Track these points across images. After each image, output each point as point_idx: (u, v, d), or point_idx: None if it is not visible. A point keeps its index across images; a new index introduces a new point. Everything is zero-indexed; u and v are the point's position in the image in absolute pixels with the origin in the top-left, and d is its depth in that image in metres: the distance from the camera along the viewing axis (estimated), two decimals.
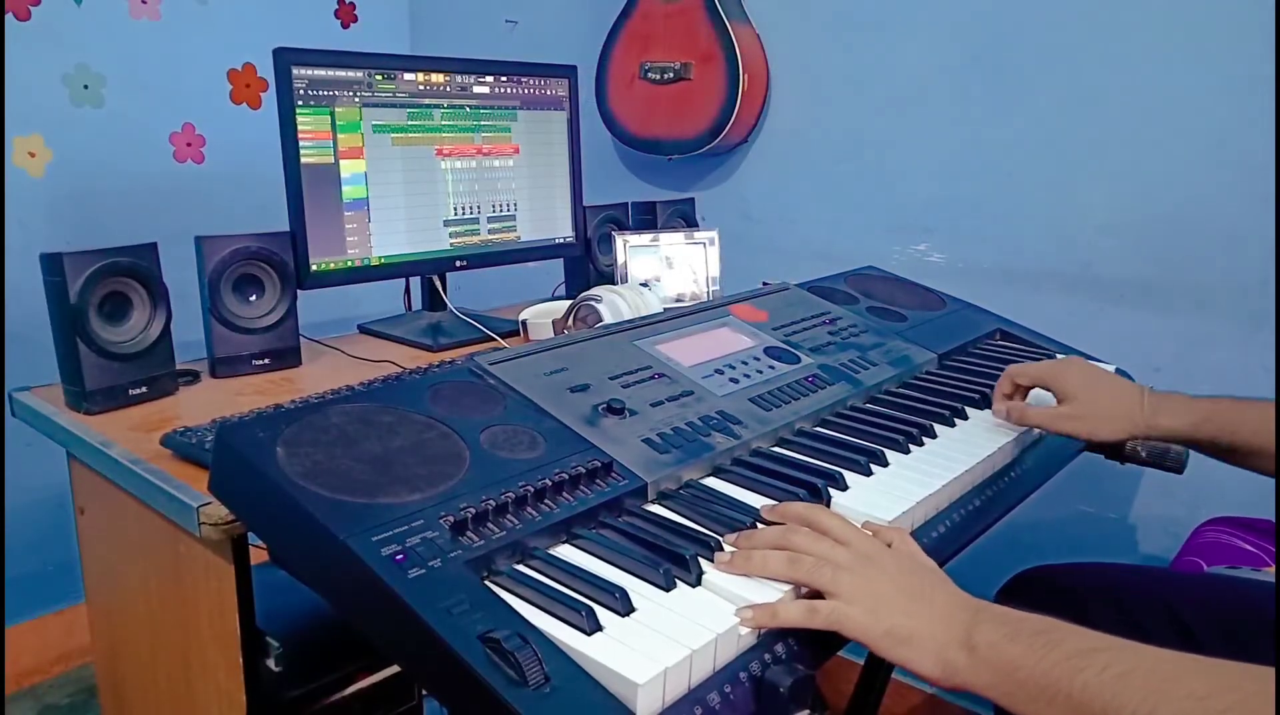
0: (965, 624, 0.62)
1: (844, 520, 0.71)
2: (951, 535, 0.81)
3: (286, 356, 1.25)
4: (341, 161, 1.29)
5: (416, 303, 1.54)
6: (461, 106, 1.43)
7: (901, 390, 1.09)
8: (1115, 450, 1.09)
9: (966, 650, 0.60)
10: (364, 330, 1.47)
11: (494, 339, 1.39)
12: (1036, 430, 1.01)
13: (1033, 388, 1.03)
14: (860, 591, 0.64)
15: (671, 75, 1.78)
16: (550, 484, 0.72)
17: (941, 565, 0.70)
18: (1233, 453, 0.93)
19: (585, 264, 1.62)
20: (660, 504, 0.78)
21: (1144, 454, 1.06)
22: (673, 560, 0.66)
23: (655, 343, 1.02)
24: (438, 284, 1.49)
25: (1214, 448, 0.94)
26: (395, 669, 1.05)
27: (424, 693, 1.09)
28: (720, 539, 0.70)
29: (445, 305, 1.50)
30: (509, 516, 0.68)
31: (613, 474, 0.77)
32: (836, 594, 0.64)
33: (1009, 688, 0.58)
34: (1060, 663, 0.56)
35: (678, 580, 0.65)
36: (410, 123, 1.36)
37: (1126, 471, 1.31)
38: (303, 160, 1.25)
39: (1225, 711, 0.49)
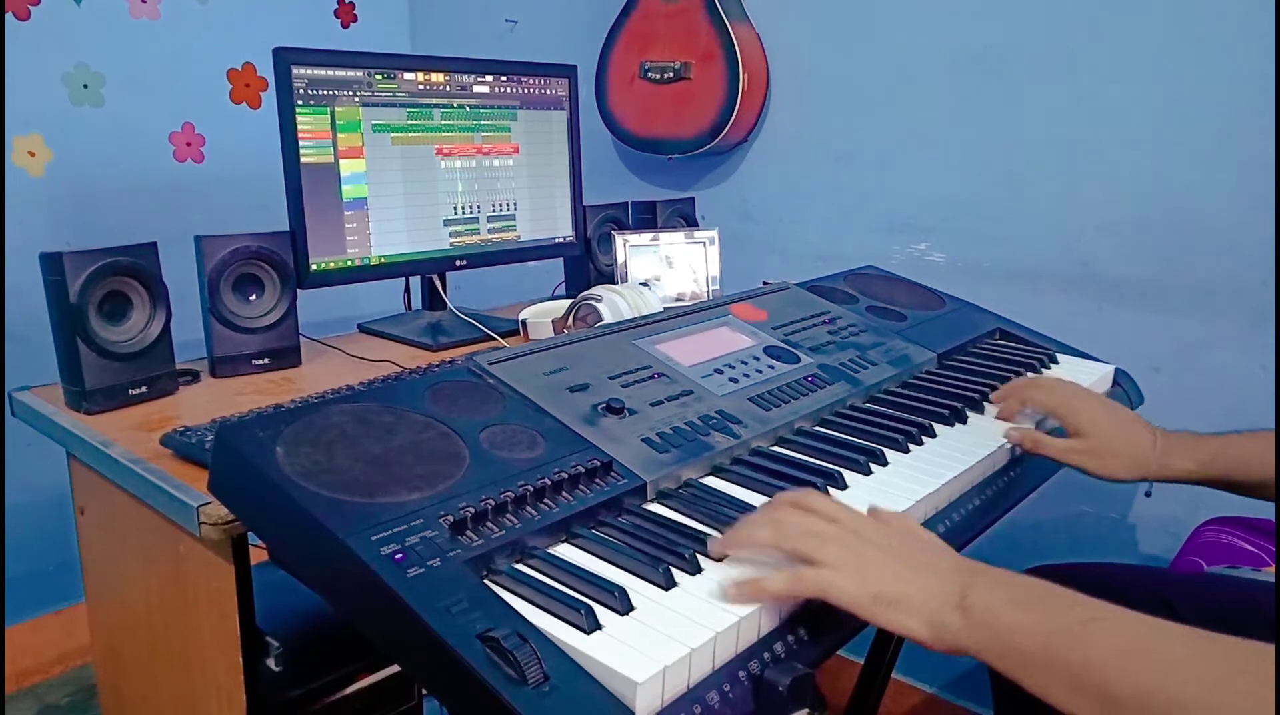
0: (960, 585, 0.61)
1: (833, 500, 0.71)
2: (951, 534, 0.81)
3: (286, 356, 1.25)
4: (341, 161, 1.29)
5: (416, 302, 1.54)
6: (461, 106, 1.43)
7: (901, 389, 1.09)
8: None
9: (961, 611, 0.60)
10: (364, 330, 1.47)
11: (494, 339, 1.39)
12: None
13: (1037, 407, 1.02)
14: (847, 558, 0.64)
15: (671, 75, 1.78)
16: (550, 483, 0.72)
17: None
18: (1243, 487, 0.92)
19: (585, 264, 1.62)
20: (660, 503, 0.78)
21: None
22: (672, 559, 0.66)
23: (655, 342, 1.02)
24: (438, 284, 1.50)
25: (1224, 484, 0.94)
26: (395, 669, 1.05)
27: (424, 692, 1.09)
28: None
29: (445, 305, 1.50)
30: (508, 516, 0.68)
31: (612, 473, 0.77)
32: (823, 562, 0.64)
33: (1004, 651, 0.58)
34: (1060, 630, 0.56)
35: (677, 579, 0.65)
36: (410, 122, 1.36)
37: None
38: (303, 160, 1.25)
39: (1232, 693, 0.49)
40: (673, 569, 0.65)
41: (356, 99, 1.29)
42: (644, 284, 1.42)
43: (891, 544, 0.66)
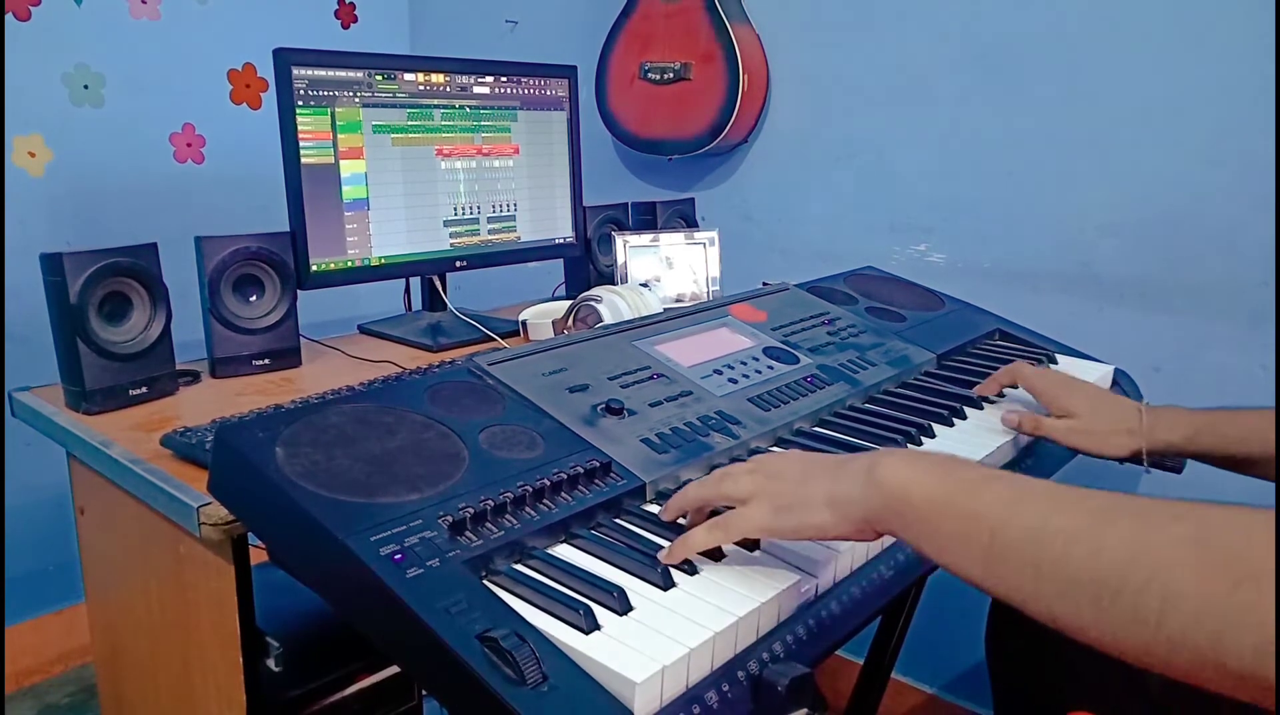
0: (864, 463, 0.62)
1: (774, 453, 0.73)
2: None
3: (286, 356, 1.25)
4: (341, 161, 1.29)
5: (416, 303, 1.54)
6: (461, 107, 1.43)
7: (900, 390, 1.09)
8: None
9: (863, 479, 0.61)
10: (364, 330, 1.47)
11: (494, 339, 1.39)
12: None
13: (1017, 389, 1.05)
14: (759, 486, 0.65)
15: (671, 75, 1.78)
16: (549, 484, 0.72)
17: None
18: (1229, 461, 0.94)
19: (585, 264, 1.62)
20: (659, 504, 0.78)
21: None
22: None
23: (655, 343, 1.02)
24: (438, 284, 1.50)
25: (1210, 458, 0.95)
26: (395, 669, 1.05)
27: (424, 693, 1.09)
28: None
29: (445, 305, 1.50)
30: (507, 516, 0.68)
31: (611, 474, 0.77)
32: (741, 498, 0.66)
33: (901, 508, 0.58)
34: (958, 485, 0.57)
35: (676, 579, 0.65)
36: (410, 123, 1.37)
37: (1126, 471, 1.30)
38: (303, 160, 1.25)
39: (1116, 522, 0.49)
40: (671, 569, 0.65)
41: (357, 100, 1.30)
42: (644, 285, 1.42)
43: (809, 458, 0.68)
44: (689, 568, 0.66)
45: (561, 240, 1.61)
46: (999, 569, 0.53)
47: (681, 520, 0.74)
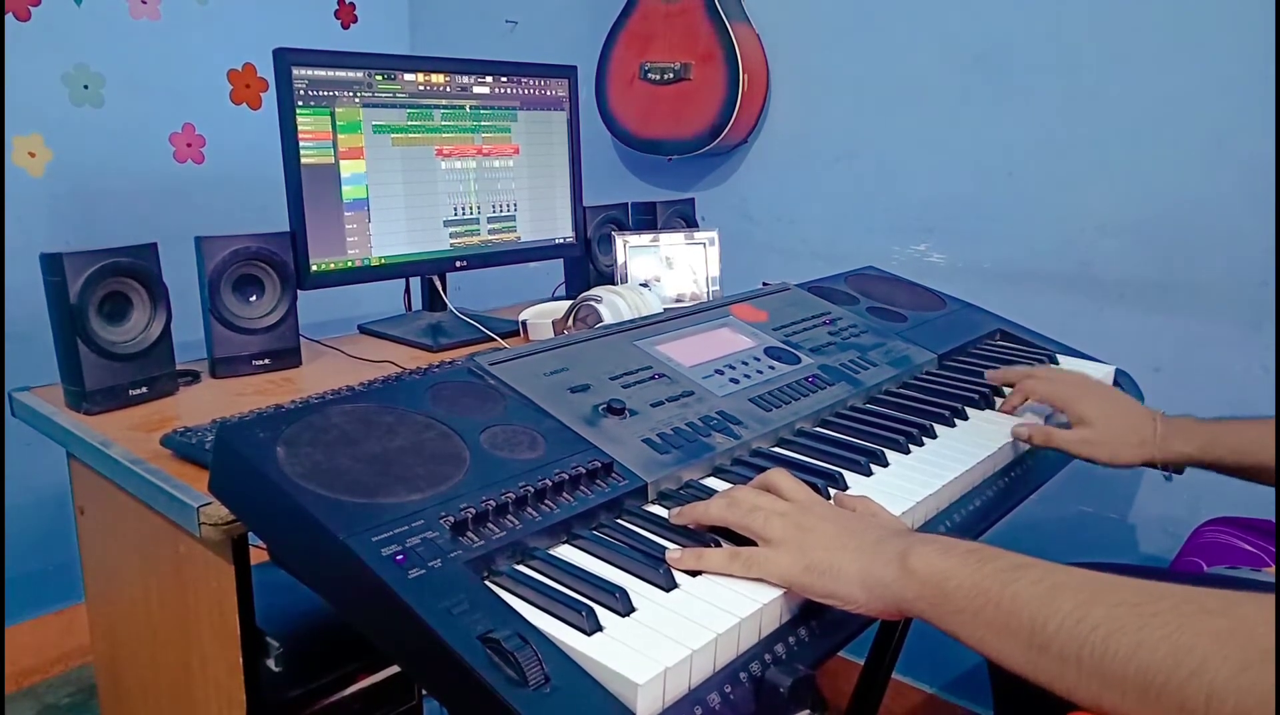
0: (897, 548, 0.62)
1: (798, 482, 0.72)
2: (952, 535, 0.81)
3: (286, 357, 1.25)
4: (341, 162, 1.29)
5: (416, 303, 1.54)
6: (461, 107, 1.43)
7: (901, 390, 1.09)
8: None
9: (896, 566, 0.61)
10: (364, 330, 1.47)
11: (494, 339, 1.39)
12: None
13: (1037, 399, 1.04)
14: (789, 535, 0.65)
15: (671, 75, 1.78)
16: (550, 484, 0.72)
17: None
18: (1238, 470, 0.95)
19: (585, 264, 1.62)
20: (660, 504, 0.78)
21: None
22: None
23: (655, 343, 1.02)
24: (438, 284, 1.50)
25: (1222, 467, 0.96)
26: (395, 669, 1.05)
27: (424, 693, 1.09)
28: (720, 540, 0.70)
29: (445, 305, 1.50)
30: (509, 517, 0.68)
31: (613, 474, 0.77)
32: (767, 538, 0.66)
33: (937, 599, 0.58)
34: (992, 575, 0.57)
35: (678, 580, 0.65)
36: (410, 123, 1.36)
37: (1126, 471, 1.31)
38: (303, 160, 1.25)
39: (1155, 615, 0.50)
40: (674, 570, 0.65)
41: (357, 100, 1.29)
42: (644, 284, 1.42)
43: (840, 520, 0.67)
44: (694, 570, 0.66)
45: (561, 240, 1.60)
46: (1040, 660, 0.53)
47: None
